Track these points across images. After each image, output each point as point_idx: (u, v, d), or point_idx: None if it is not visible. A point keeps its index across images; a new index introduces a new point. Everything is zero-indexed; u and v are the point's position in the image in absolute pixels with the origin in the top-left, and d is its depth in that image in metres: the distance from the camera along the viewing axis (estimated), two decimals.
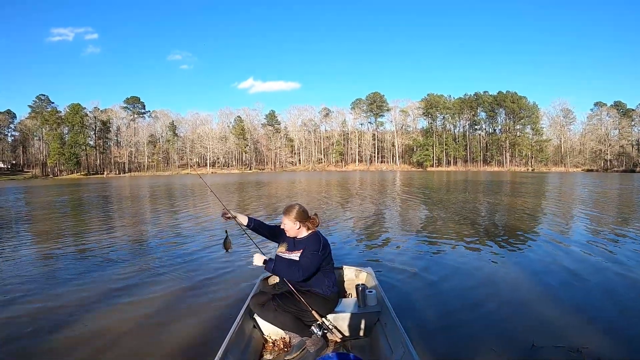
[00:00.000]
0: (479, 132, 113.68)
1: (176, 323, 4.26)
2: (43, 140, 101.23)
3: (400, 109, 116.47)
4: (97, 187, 37.60)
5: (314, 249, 3.40)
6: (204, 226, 11.18)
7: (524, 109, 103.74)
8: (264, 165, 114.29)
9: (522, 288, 5.22)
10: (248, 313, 3.54)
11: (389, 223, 11.35)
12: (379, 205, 16.11)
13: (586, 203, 16.74)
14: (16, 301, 5.10)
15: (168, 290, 5.39)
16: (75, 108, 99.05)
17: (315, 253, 3.39)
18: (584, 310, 4.39)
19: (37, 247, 8.87)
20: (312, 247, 3.42)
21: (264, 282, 4.21)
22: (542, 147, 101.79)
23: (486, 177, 47.78)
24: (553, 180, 40.61)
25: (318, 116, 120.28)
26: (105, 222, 12.72)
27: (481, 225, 10.75)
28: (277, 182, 40.11)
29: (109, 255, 7.66)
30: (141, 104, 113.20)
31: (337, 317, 3.54)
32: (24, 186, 45.84)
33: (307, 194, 24.37)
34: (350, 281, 4.41)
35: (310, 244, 3.46)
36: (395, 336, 3.11)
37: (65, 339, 3.94)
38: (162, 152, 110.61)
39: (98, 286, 5.63)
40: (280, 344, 3.52)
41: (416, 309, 4.50)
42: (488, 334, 3.83)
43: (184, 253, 7.68)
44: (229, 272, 6.20)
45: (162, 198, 23.02)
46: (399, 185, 32.29)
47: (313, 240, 3.48)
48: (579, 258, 6.81)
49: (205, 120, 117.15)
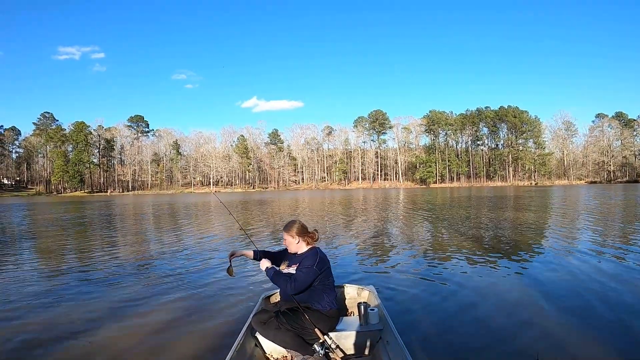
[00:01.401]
0: (482, 148, 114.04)
1: (178, 341, 4.25)
2: (47, 158, 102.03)
3: (402, 126, 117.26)
4: (101, 205, 37.69)
5: (309, 264, 3.47)
6: (208, 245, 11.19)
7: (526, 123, 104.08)
8: (267, 184, 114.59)
9: (525, 302, 5.18)
10: (250, 331, 3.53)
11: (392, 240, 11.32)
12: (382, 223, 16.08)
13: (591, 216, 16.66)
14: (21, 316, 5.12)
15: (170, 307, 5.40)
16: (79, 126, 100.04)
17: (310, 268, 3.44)
18: (588, 324, 4.36)
19: (41, 264, 8.89)
20: (308, 262, 3.49)
21: (265, 301, 4.21)
22: (544, 161, 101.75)
23: (489, 193, 47.67)
24: (557, 193, 40.44)
25: (321, 134, 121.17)
26: (109, 239, 12.74)
27: (484, 240, 10.71)
28: (280, 201, 40.13)
29: (112, 272, 7.67)
30: (145, 123, 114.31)
31: (339, 335, 3.52)
32: (28, 203, 46.02)
33: (310, 212, 24.37)
34: (352, 299, 4.40)
35: (306, 258, 3.53)
36: (398, 355, 3.09)
37: (69, 355, 3.95)
38: (165, 170, 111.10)
39: (101, 303, 5.65)
40: None
41: (419, 327, 4.47)
42: (491, 350, 3.81)
43: (187, 271, 7.67)
44: (231, 290, 6.19)
45: (166, 216, 23.06)
46: (402, 202, 32.25)
47: (310, 255, 3.56)
48: (584, 271, 6.76)
49: (208, 139, 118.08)
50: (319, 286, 3.48)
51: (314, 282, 3.45)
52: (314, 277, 3.43)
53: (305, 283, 3.41)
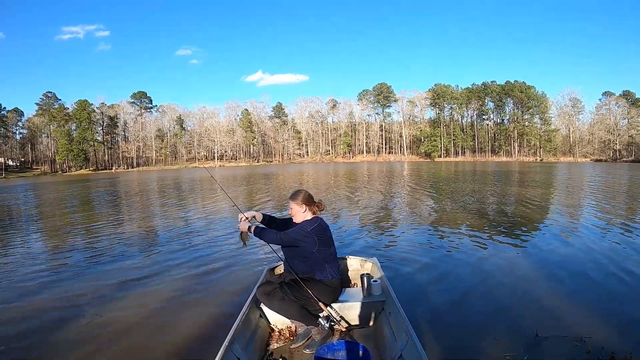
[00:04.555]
0: (487, 122, 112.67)
1: (183, 312, 4.33)
2: (51, 137, 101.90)
3: (407, 99, 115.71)
4: (106, 182, 37.92)
5: (305, 225, 3.51)
6: (212, 219, 11.26)
7: (533, 98, 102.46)
8: (271, 158, 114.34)
9: (527, 279, 5.21)
10: (254, 302, 3.58)
11: (396, 214, 11.36)
12: (386, 196, 16.11)
13: (595, 193, 16.60)
14: (29, 294, 5.22)
15: (175, 281, 5.49)
16: (82, 104, 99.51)
17: (302, 228, 3.48)
18: (589, 301, 4.39)
19: (48, 242, 9.02)
20: (305, 224, 3.52)
21: (270, 272, 4.25)
22: (550, 137, 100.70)
23: (494, 167, 47.45)
24: (562, 170, 40.23)
25: (325, 108, 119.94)
26: (115, 216, 12.87)
27: (488, 216, 10.71)
28: (285, 174, 40.17)
29: (118, 248, 7.78)
30: (148, 99, 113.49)
31: (342, 306, 3.57)
32: (33, 183, 46.33)
33: (315, 185, 24.39)
34: (355, 271, 4.44)
35: (306, 222, 3.57)
36: (399, 325, 3.13)
37: (79, 329, 4.04)
38: (169, 146, 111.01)
39: (109, 278, 5.75)
40: (286, 332, 3.57)
41: (421, 299, 4.53)
42: (491, 324, 3.85)
43: (192, 245, 7.76)
44: (236, 262, 6.27)
45: (171, 192, 23.18)
46: (407, 175, 32.19)
47: (310, 220, 3.58)
48: (586, 249, 6.76)
49: (212, 113, 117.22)
50: (319, 255, 3.48)
51: (313, 251, 3.45)
52: (302, 237, 3.43)
53: (295, 239, 3.43)
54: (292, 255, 3.58)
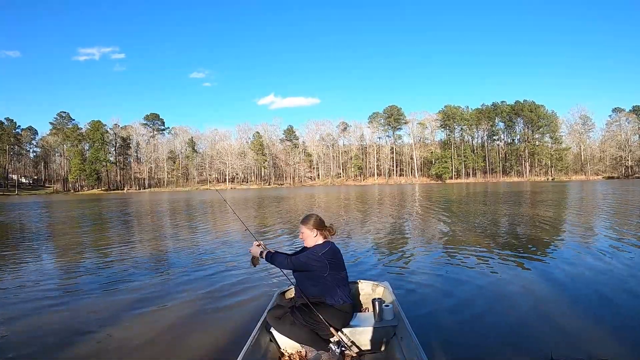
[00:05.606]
0: (498, 143, 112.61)
1: (193, 335, 4.31)
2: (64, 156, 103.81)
3: (417, 121, 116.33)
4: (118, 203, 38.28)
5: (317, 250, 3.52)
6: (223, 241, 11.27)
7: (542, 117, 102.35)
8: (282, 181, 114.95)
9: (542, 301, 5.10)
10: (264, 326, 3.56)
11: (407, 236, 11.27)
12: (397, 219, 16.01)
13: (609, 211, 16.34)
14: (42, 310, 5.26)
15: (185, 302, 5.48)
16: (95, 125, 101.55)
17: (313, 253, 3.49)
18: (604, 322, 4.28)
19: (61, 260, 9.09)
20: (317, 249, 3.54)
21: (280, 296, 4.23)
22: (561, 156, 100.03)
23: (506, 188, 47.08)
24: (574, 189, 39.77)
25: (336, 130, 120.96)
26: (126, 236, 12.95)
27: (501, 237, 10.59)
28: (296, 197, 40.24)
29: (130, 268, 7.79)
30: (160, 121, 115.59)
31: (353, 331, 3.52)
32: (46, 201, 46.93)
33: (326, 208, 24.38)
34: (366, 295, 4.40)
35: (317, 246, 3.59)
36: (411, 350, 3.09)
37: (89, 348, 4.03)
38: (181, 168, 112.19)
39: (119, 298, 5.76)
40: (297, 357, 3.52)
41: (433, 323, 4.45)
42: (505, 347, 3.77)
43: (202, 267, 7.75)
44: (246, 286, 6.24)
45: (182, 213, 23.32)
46: (418, 198, 32.05)
47: (320, 245, 3.60)
48: (601, 269, 6.62)
49: (224, 136, 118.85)
50: (331, 279, 3.48)
51: (324, 275, 3.45)
52: (316, 262, 3.43)
53: (306, 263, 3.44)
54: (303, 279, 3.58)
